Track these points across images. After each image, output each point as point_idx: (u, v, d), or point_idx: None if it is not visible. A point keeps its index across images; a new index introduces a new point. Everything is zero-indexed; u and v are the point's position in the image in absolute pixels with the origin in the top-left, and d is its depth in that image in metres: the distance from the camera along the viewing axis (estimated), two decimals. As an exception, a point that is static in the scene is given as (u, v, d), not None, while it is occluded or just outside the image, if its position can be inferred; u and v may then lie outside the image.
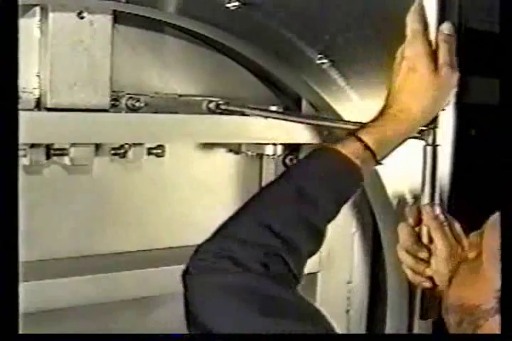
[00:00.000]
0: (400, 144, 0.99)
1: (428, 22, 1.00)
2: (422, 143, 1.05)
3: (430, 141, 1.04)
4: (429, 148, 1.04)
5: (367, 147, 0.93)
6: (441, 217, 1.01)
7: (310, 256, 0.90)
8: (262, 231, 0.83)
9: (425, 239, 1.01)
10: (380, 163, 0.98)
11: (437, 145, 1.05)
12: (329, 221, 0.92)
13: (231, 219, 0.87)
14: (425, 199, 1.04)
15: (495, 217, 0.83)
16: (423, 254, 0.99)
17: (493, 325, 0.76)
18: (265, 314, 0.76)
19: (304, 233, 0.87)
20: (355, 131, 0.97)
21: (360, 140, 0.94)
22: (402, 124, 0.97)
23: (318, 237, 0.90)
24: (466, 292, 0.82)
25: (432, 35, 1.00)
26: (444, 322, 0.88)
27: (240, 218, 0.87)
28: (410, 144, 1.10)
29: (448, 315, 0.86)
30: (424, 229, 1.01)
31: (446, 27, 1.01)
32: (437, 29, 1.01)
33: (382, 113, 0.98)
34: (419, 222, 1.02)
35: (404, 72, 0.98)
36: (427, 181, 1.04)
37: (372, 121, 0.98)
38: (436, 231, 0.99)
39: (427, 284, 0.99)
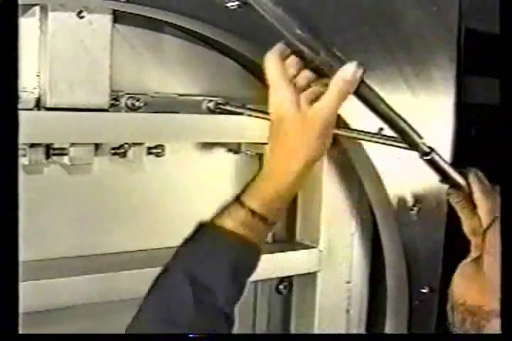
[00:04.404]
0: (291, 196, 0.93)
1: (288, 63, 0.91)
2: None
3: (425, 150, 1.01)
4: (425, 158, 1.01)
5: (254, 213, 0.89)
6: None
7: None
8: (164, 327, 0.84)
9: None
10: (275, 223, 0.93)
11: (431, 153, 1.01)
12: (234, 300, 0.90)
13: (138, 317, 0.88)
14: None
15: (496, 221, 0.83)
16: None
17: (495, 328, 0.76)
18: None
19: (211, 322, 0.86)
20: (239, 194, 0.92)
21: (244, 206, 0.90)
22: (281, 179, 0.91)
23: (225, 321, 0.88)
24: (470, 291, 0.82)
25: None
26: (449, 320, 0.87)
27: (146, 317, 0.87)
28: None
29: (453, 313, 0.85)
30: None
31: (348, 69, 0.88)
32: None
33: (261, 172, 0.93)
34: None
35: (274, 124, 0.91)
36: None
37: (253, 180, 0.93)
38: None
39: None
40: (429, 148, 1.01)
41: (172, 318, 0.85)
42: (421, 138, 1.00)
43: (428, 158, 1.00)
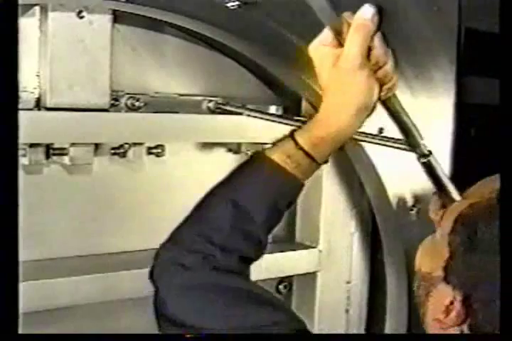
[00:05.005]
0: (340, 142, 0.97)
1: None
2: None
3: (424, 152, 1.01)
4: (422, 160, 1.01)
5: (302, 149, 0.93)
6: None
7: (250, 262, 0.95)
8: (203, 242, 0.91)
9: None
10: (325, 162, 0.98)
11: (429, 156, 1.01)
12: (270, 228, 0.96)
13: (180, 227, 0.95)
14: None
15: (452, 206, 0.90)
16: None
17: (439, 293, 0.85)
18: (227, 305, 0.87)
19: (243, 243, 0.93)
20: (293, 131, 0.97)
21: (293, 139, 0.94)
22: (330, 126, 0.94)
23: (257, 246, 0.95)
24: (424, 260, 0.92)
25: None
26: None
27: (185, 229, 0.95)
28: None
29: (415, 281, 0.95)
30: None
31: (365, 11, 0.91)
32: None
33: (319, 111, 0.96)
34: None
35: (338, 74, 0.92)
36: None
37: (309, 121, 0.97)
38: None
39: None
40: (428, 151, 1.01)
41: (209, 233, 0.92)
42: (422, 138, 1.01)
43: (425, 160, 1.01)
